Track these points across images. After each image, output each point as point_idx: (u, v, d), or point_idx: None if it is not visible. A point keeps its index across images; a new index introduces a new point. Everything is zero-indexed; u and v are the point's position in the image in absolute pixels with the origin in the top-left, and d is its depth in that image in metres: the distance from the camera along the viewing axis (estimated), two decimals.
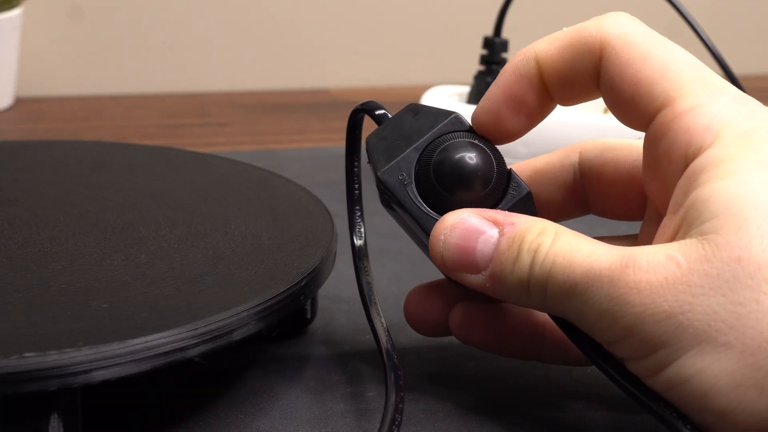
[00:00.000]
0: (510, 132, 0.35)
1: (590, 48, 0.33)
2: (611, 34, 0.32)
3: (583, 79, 0.33)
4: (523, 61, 0.34)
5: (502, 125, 0.34)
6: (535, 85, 0.34)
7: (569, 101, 0.35)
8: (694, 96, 0.31)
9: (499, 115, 0.34)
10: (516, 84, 0.34)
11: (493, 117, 0.34)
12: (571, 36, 0.33)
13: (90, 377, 0.29)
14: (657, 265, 0.29)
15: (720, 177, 0.30)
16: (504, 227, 0.33)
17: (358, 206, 0.39)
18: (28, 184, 0.44)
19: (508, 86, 0.34)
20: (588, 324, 0.31)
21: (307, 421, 0.34)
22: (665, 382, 0.29)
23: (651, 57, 0.32)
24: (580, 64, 0.33)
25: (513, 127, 0.35)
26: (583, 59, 0.33)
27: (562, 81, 0.34)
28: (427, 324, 0.37)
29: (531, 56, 0.34)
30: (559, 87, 0.34)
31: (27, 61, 0.79)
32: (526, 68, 0.34)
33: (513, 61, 0.34)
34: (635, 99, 0.32)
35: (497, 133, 0.35)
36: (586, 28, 0.33)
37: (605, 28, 0.33)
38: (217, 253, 0.37)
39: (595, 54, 0.33)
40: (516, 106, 0.34)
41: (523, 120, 0.35)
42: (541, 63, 0.34)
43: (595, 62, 0.33)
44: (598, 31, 0.33)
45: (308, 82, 0.86)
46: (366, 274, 0.38)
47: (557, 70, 0.34)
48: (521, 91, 0.34)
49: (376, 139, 0.35)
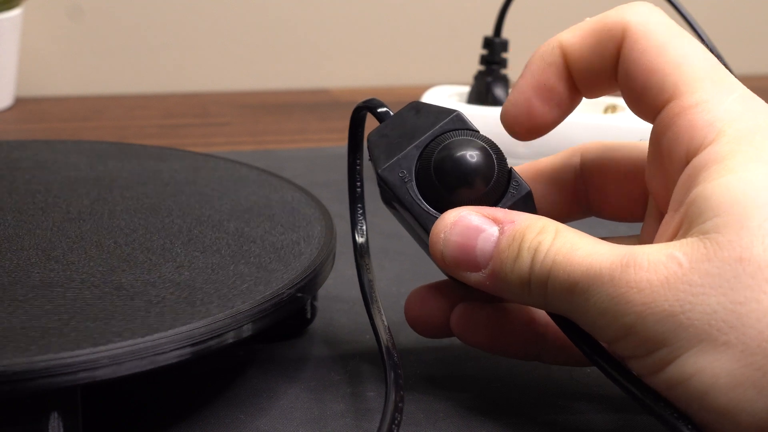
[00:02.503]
0: (542, 123, 0.34)
1: (612, 35, 0.33)
2: (633, 22, 0.32)
3: (605, 67, 0.33)
4: (549, 50, 0.34)
5: (534, 116, 0.34)
6: (563, 74, 0.34)
7: (593, 91, 0.34)
8: (701, 92, 0.31)
9: (530, 105, 0.34)
10: (544, 73, 0.34)
11: (524, 109, 0.34)
12: (594, 23, 0.33)
13: (90, 377, 0.29)
14: (658, 264, 0.29)
15: (721, 174, 0.30)
16: (504, 225, 0.33)
17: (360, 204, 0.39)
18: (28, 185, 0.44)
19: (537, 75, 0.34)
20: (589, 322, 0.31)
21: (306, 421, 0.34)
22: (665, 381, 0.29)
23: (668, 48, 0.32)
24: (602, 52, 0.33)
25: (545, 118, 0.34)
26: (606, 46, 0.33)
27: (585, 69, 0.34)
28: (427, 325, 0.36)
29: (555, 44, 0.34)
30: (584, 76, 0.34)
31: (27, 61, 0.79)
32: (552, 57, 0.34)
33: (539, 51, 0.34)
34: (646, 89, 0.32)
35: (529, 125, 0.34)
36: (608, 15, 0.33)
37: (628, 15, 0.33)
38: (216, 253, 0.37)
39: (617, 40, 0.33)
40: (546, 96, 0.34)
41: (554, 110, 0.34)
42: (565, 50, 0.34)
43: (617, 49, 0.33)
44: (620, 18, 0.33)
45: (308, 82, 0.86)
46: (367, 272, 0.38)
47: (581, 58, 0.33)
48: (550, 79, 0.34)
49: (377, 137, 0.35)
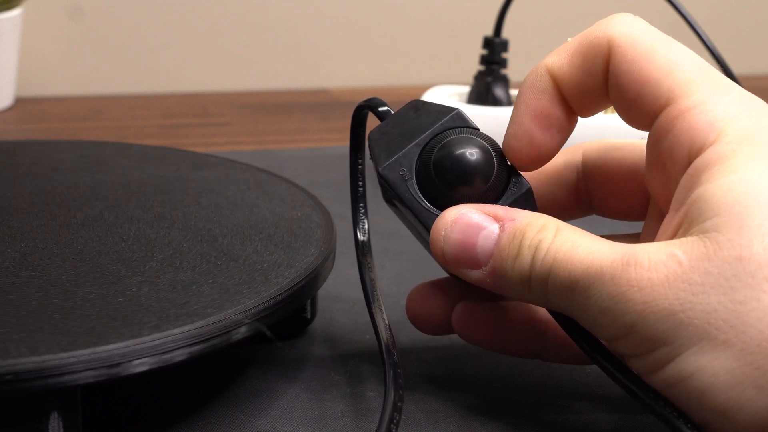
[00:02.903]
0: (545, 151, 0.34)
1: (599, 50, 0.33)
2: (617, 34, 0.32)
3: (595, 84, 0.33)
4: (538, 77, 0.34)
5: (537, 146, 0.34)
6: (556, 98, 0.34)
7: (587, 110, 0.34)
8: (697, 94, 0.31)
9: (531, 136, 0.34)
10: (539, 101, 0.33)
11: (525, 140, 0.34)
12: (577, 43, 0.33)
13: (90, 377, 0.29)
14: (658, 263, 0.29)
15: (722, 174, 0.30)
16: (505, 223, 0.33)
17: (362, 202, 0.39)
18: (28, 184, 0.44)
19: (532, 104, 0.34)
20: (589, 321, 0.31)
21: (306, 421, 0.34)
22: (665, 380, 0.29)
23: (656, 55, 0.32)
24: (590, 69, 0.33)
25: (547, 146, 0.34)
26: (594, 63, 0.33)
27: (577, 89, 0.33)
28: (429, 322, 0.36)
29: (543, 71, 0.34)
30: (576, 97, 0.34)
31: (27, 61, 0.78)
32: (542, 83, 0.33)
33: (528, 79, 0.34)
34: (640, 97, 0.32)
35: (533, 155, 0.34)
36: (592, 31, 0.33)
37: (611, 28, 0.32)
38: (216, 253, 0.37)
39: (603, 55, 0.32)
40: (545, 123, 0.34)
41: (555, 135, 0.34)
42: (554, 75, 0.33)
43: (604, 64, 0.33)
44: (604, 32, 0.32)
45: (308, 82, 0.86)
46: (369, 270, 0.38)
47: (571, 79, 0.33)
48: (546, 106, 0.33)
49: (378, 135, 0.35)
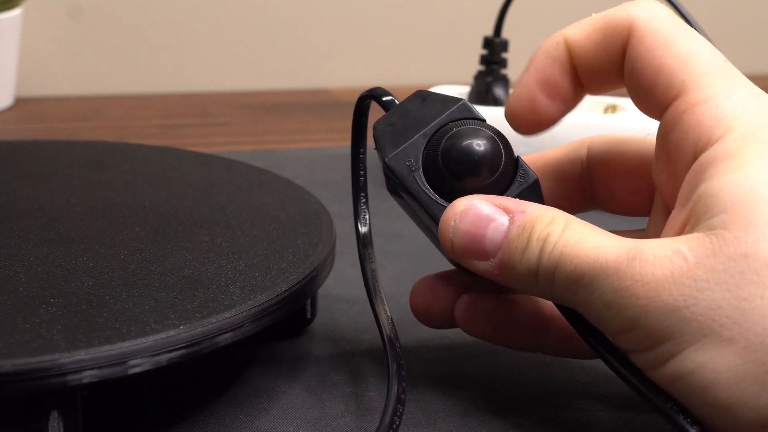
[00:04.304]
0: (545, 118, 0.34)
1: (618, 31, 0.33)
2: (639, 18, 0.32)
3: (610, 64, 0.33)
4: (554, 45, 0.34)
5: (538, 111, 0.34)
6: (567, 69, 0.34)
7: (597, 88, 0.34)
8: (709, 88, 0.31)
9: (534, 100, 0.34)
10: (549, 68, 0.34)
11: (528, 103, 0.34)
12: (600, 19, 0.33)
13: (90, 377, 0.29)
14: (663, 259, 0.29)
15: (728, 171, 0.30)
16: (514, 215, 0.33)
17: (363, 193, 0.38)
18: (28, 184, 0.44)
19: (541, 70, 0.34)
20: (594, 314, 0.31)
21: (306, 421, 0.34)
22: (667, 375, 0.29)
23: (675, 45, 0.32)
24: (608, 48, 0.33)
25: (548, 113, 0.34)
26: (611, 42, 0.33)
27: (590, 65, 0.33)
28: (432, 314, 0.36)
29: (561, 40, 0.34)
30: (588, 72, 0.34)
31: (27, 61, 0.78)
32: (556, 52, 0.34)
33: (543, 45, 0.34)
34: (653, 85, 0.32)
35: (533, 119, 0.34)
36: (614, 12, 0.33)
37: (634, 12, 0.33)
38: (216, 253, 0.37)
39: (623, 37, 0.33)
40: (550, 90, 0.34)
41: (558, 105, 0.34)
42: (570, 46, 0.33)
43: (623, 46, 0.33)
44: (628, 14, 0.33)
45: (308, 82, 0.86)
46: (370, 262, 0.37)
47: (586, 54, 0.33)
48: (554, 74, 0.34)
49: (383, 126, 0.35)
